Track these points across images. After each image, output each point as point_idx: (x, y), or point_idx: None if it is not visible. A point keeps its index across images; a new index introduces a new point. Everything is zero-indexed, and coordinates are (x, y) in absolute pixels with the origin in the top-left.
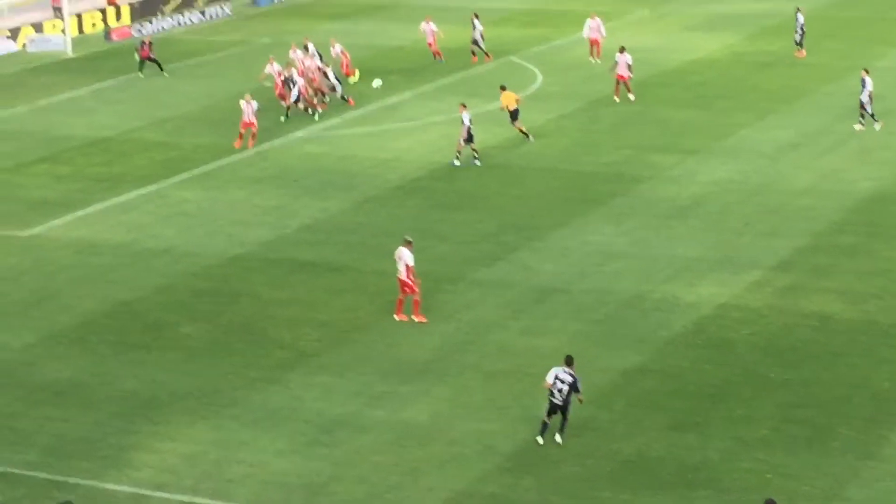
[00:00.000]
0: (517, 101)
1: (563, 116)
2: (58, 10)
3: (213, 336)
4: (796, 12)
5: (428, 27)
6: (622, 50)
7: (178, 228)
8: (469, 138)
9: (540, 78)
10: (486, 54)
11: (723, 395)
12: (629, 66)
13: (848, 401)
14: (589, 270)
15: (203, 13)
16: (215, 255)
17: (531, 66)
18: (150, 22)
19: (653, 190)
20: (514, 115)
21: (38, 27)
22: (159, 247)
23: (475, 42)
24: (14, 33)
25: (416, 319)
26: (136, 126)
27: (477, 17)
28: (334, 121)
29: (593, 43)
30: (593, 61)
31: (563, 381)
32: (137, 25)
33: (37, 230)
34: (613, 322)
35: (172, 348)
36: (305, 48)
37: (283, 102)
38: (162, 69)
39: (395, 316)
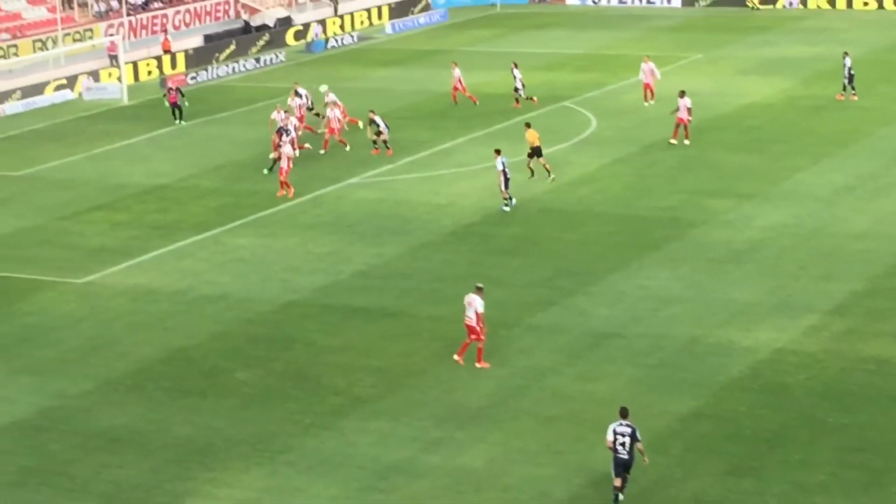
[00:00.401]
0: (538, 138)
1: (617, 161)
2: (114, 59)
3: (268, 382)
4: (844, 57)
5: (455, 72)
6: (682, 94)
7: (233, 275)
8: (505, 183)
9: (594, 123)
10: (530, 98)
11: (780, 440)
12: (689, 110)
13: None
14: (644, 315)
15: (257, 60)
16: (270, 302)
17: (585, 112)
18: (206, 69)
19: (708, 234)
20: (537, 151)
21: (94, 75)
22: (214, 293)
23: (516, 89)
24: (71, 81)
25: (479, 366)
26: (192, 173)
27: (516, 65)
28: (387, 166)
29: (647, 87)
30: (647, 104)
31: (623, 435)
32: (192, 73)
33: (94, 277)
34: (669, 367)
35: (227, 395)
36: (297, 93)
37: (272, 154)
38: (182, 117)
39: (455, 356)
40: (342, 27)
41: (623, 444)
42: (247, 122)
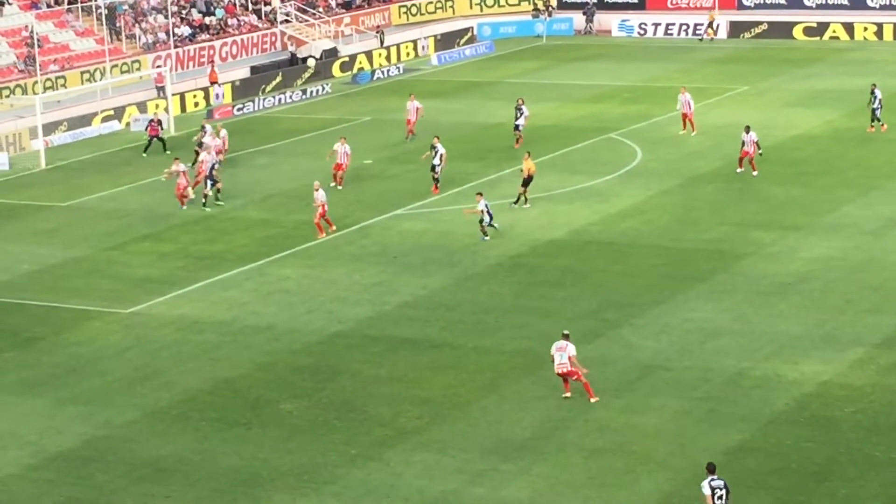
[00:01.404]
0: (533, 170)
1: (663, 193)
2: (161, 90)
3: (314, 413)
4: (872, 89)
5: (412, 105)
6: (748, 129)
7: (279, 306)
8: (489, 221)
9: (640, 154)
10: (517, 140)
11: (826, 474)
12: (755, 143)
13: None
14: (690, 347)
15: (304, 91)
16: (315, 332)
17: (631, 143)
18: (252, 101)
19: (754, 267)
20: (528, 182)
21: (141, 107)
22: (260, 324)
23: (517, 127)
24: (118, 112)
25: (593, 400)
26: (238, 204)
27: (523, 102)
28: (433, 197)
29: (685, 117)
30: (682, 133)
31: (719, 488)
32: (239, 104)
33: (140, 307)
34: (715, 400)
35: (273, 425)
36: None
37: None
38: (165, 149)
39: (592, 399)
40: (388, 58)
41: (721, 498)
42: (293, 153)
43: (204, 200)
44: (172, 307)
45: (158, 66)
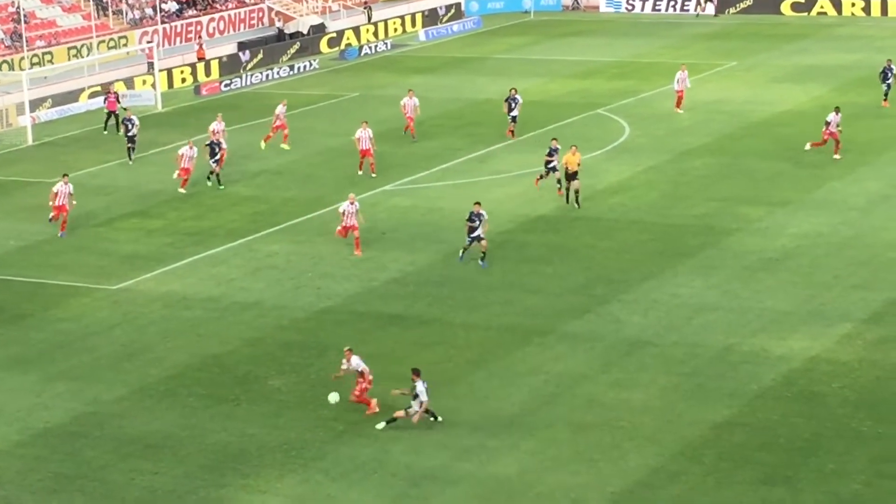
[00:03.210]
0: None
1: (650, 169)
2: (150, 65)
3: (302, 389)
4: (888, 64)
5: (410, 102)
6: (837, 110)
7: (267, 282)
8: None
9: (627, 130)
10: (509, 130)
11: (814, 449)
12: (838, 125)
13: None
14: (678, 323)
15: (291, 67)
16: (303, 309)
17: (619, 119)
18: (239, 77)
19: (741, 242)
20: (570, 176)
21: (128, 82)
22: (248, 300)
23: (514, 119)
24: (105, 89)
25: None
26: (226, 180)
27: (517, 92)
28: (422, 173)
29: (680, 95)
30: (679, 112)
31: None
32: (226, 80)
33: (128, 284)
34: (703, 375)
35: (261, 401)
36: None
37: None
38: (118, 128)
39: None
40: (376, 34)
41: None
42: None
43: (216, 178)
44: (160, 283)
45: (148, 43)
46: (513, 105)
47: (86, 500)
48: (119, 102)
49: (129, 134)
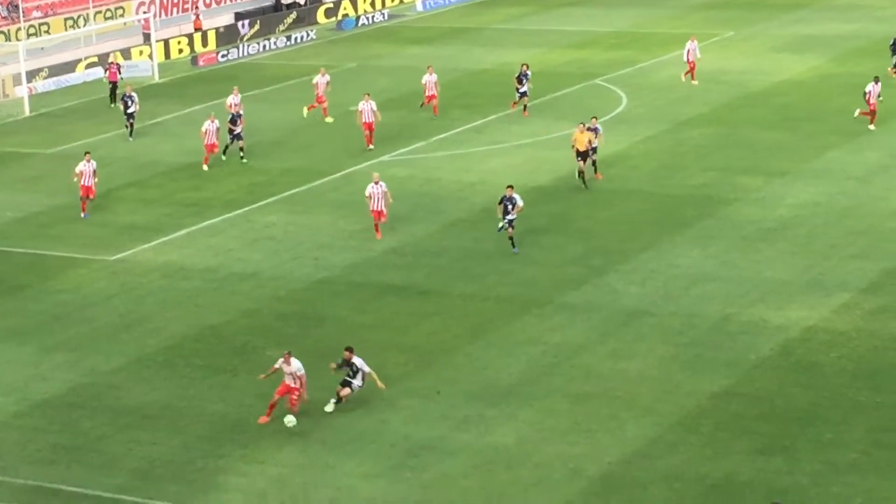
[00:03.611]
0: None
1: (648, 139)
2: (147, 36)
3: (300, 360)
4: None
5: (430, 79)
6: (876, 80)
7: (265, 252)
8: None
9: (625, 100)
10: (514, 103)
11: (811, 419)
12: (878, 95)
13: None
14: (676, 293)
15: (288, 38)
16: (301, 279)
17: (616, 89)
18: (236, 47)
19: (739, 212)
20: (582, 154)
21: (125, 53)
22: (246, 271)
23: (524, 94)
24: (102, 60)
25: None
26: (221, 152)
27: (528, 68)
28: (419, 144)
29: (691, 65)
30: (694, 83)
31: None
32: (223, 50)
33: (125, 255)
34: (700, 345)
35: (259, 372)
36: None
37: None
38: (114, 99)
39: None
40: (373, 4)
41: None
42: (278, 99)
43: (240, 151)
44: (158, 254)
45: (144, 14)
46: (524, 81)
47: (84, 470)
48: (120, 74)
49: (129, 111)
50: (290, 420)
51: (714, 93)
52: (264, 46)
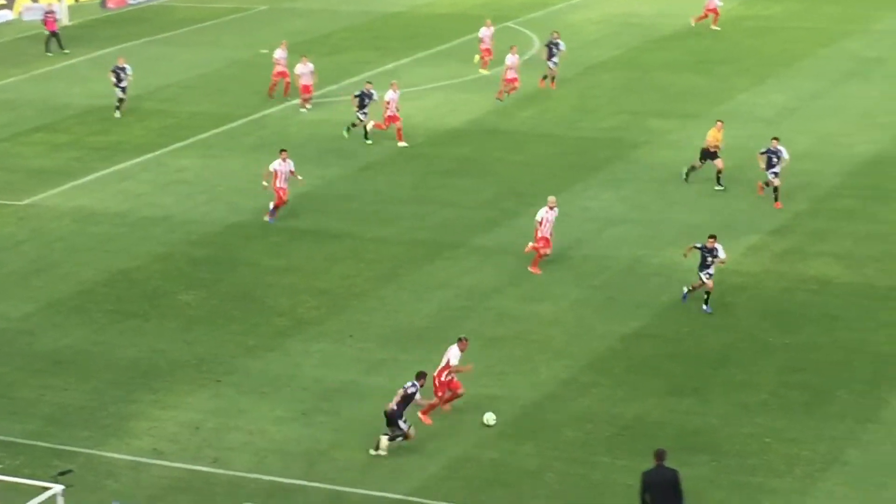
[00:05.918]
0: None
1: (560, 82)
2: None
3: (212, 304)
4: None
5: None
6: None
7: (177, 196)
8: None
9: (537, 43)
10: (542, 79)
11: (722, 360)
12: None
13: (847, 364)
14: (588, 236)
15: None
16: (213, 223)
17: (528, 32)
18: None
19: (651, 155)
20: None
21: None
22: (157, 215)
23: (555, 64)
24: (10, 2)
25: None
26: (133, 94)
27: (559, 35)
28: (331, 87)
29: (711, 12)
30: (715, 28)
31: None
32: None
33: (35, 199)
34: (613, 287)
35: (171, 317)
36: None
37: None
38: (60, 46)
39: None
40: None
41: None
42: (189, 42)
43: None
44: (68, 199)
45: None
46: (554, 51)
47: None
48: (56, 22)
49: (122, 84)
50: (489, 418)
51: (625, 35)
52: None
